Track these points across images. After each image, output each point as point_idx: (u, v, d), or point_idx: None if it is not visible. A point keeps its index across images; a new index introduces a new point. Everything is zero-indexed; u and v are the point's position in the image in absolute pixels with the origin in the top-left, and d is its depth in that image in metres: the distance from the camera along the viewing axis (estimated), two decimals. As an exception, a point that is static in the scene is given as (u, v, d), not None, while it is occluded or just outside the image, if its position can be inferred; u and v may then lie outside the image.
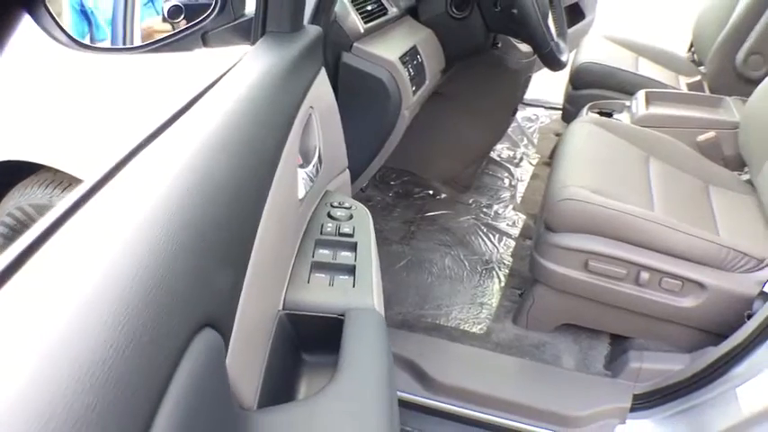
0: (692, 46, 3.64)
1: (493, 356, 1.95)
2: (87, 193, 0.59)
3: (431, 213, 2.63)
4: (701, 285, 1.76)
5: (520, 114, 3.47)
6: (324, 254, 1.04)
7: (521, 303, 2.07)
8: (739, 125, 2.34)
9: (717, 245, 1.75)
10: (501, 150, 3.18)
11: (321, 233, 1.09)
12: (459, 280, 2.27)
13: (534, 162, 3.13)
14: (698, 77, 3.14)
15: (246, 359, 0.73)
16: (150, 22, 1.39)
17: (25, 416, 0.36)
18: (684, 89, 3.07)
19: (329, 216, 1.14)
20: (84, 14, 1.40)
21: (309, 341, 0.95)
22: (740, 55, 2.84)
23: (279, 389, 0.86)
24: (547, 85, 3.63)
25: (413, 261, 2.34)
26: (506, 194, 2.84)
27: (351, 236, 1.09)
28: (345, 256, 1.04)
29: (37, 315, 0.44)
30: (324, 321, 0.92)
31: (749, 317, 1.68)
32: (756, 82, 2.32)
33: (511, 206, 2.75)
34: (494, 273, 2.32)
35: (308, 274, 0.99)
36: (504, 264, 2.37)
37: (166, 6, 1.30)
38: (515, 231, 2.57)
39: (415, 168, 2.72)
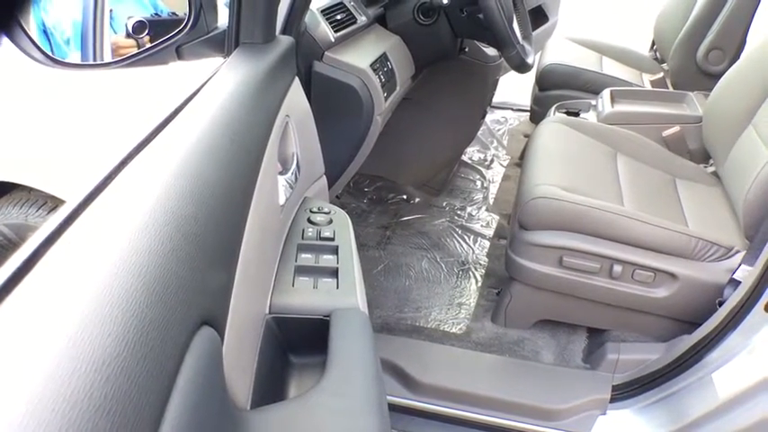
0: (653, 44, 3.73)
1: (473, 355, 1.98)
2: (85, 201, 0.61)
3: (406, 218, 2.66)
4: (672, 276, 1.80)
5: (489, 117, 3.52)
6: (306, 258, 1.06)
7: (498, 302, 2.10)
8: (702, 119, 2.40)
9: (686, 235, 1.80)
10: (472, 153, 3.22)
11: (303, 238, 1.11)
12: (437, 282, 2.30)
13: (505, 163, 3.18)
14: (661, 74, 3.22)
15: (239, 361, 0.75)
16: (114, 38, 1.40)
17: (52, 403, 0.38)
18: (648, 86, 3.15)
19: (309, 221, 1.17)
20: (46, 34, 1.41)
21: (297, 343, 0.97)
22: (701, 51, 2.91)
23: (269, 390, 0.88)
24: (514, 88, 3.70)
25: (390, 265, 2.37)
26: (479, 196, 2.88)
27: (332, 239, 1.12)
28: (327, 260, 1.07)
29: (53, 312, 0.46)
30: (310, 323, 0.95)
31: (720, 304, 1.73)
32: (717, 76, 2.38)
33: (484, 207, 2.79)
34: (470, 273, 2.35)
35: (292, 278, 1.01)
36: (481, 264, 2.41)
37: (130, 22, 1.31)
38: (489, 232, 2.61)
39: (389, 174, 2.75)
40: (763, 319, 1.59)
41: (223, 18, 1.29)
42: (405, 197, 2.78)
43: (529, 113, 3.47)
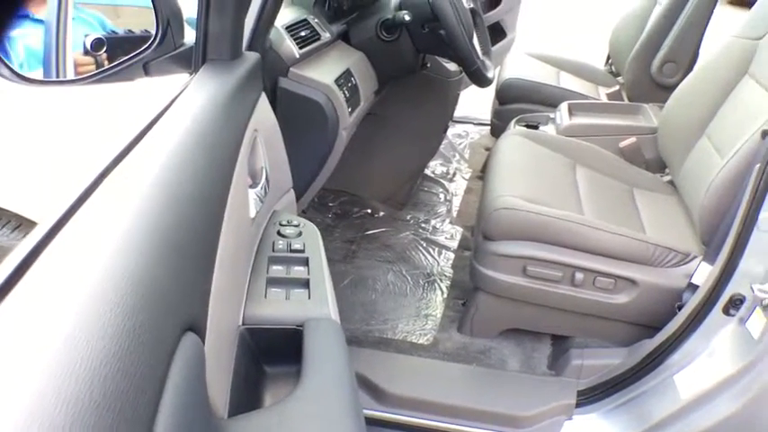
0: (609, 58, 3.82)
1: (441, 365, 2.01)
2: (70, 210, 0.63)
3: (371, 232, 2.68)
4: (632, 282, 1.85)
5: (450, 131, 3.57)
6: (278, 270, 1.08)
7: (464, 312, 2.13)
8: (657, 130, 2.47)
9: (644, 243, 1.85)
10: (435, 167, 3.26)
11: (273, 250, 1.13)
12: (403, 294, 2.33)
13: (467, 176, 3.22)
14: (616, 87, 3.30)
15: (216, 369, 0.77)
16: (72, 55, 1.40)
17: (55, 399, 0.40)
18: (604, 99, 3.23)
19: (279, 234, 1.19)
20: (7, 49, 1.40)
21: (271, 354, 0.99)
22: (655, 64, 3.00)
23: (245, 400, 0.89)
24: (475, 102, 3.76)
25: (356, 279, 2.38)
26: (442, 209, 2.91)
27: (302, 251, 1.14)
28: (299, 271, 1.09)
29: (51, 313, 0.48)
30: (283, 333, 0.97)
31: (679, 308, 1.78)
32: (671, 88, 2.45)
33: (448, 220, 2.82)
34: (436, 285, 2.38)
35: (264, 290, 1.03)
36: (446, 276, 2.44)
37: (88, 40, 1.32)
38: (454, 244, 2.65)
39: (353, 189, 2.77)
40: (721, 321, 1.65)
41: (190, 35, 1.30)
42: (369, 211, 2.80)
43: (489, 127, 3.53)
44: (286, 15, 1.73)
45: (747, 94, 1.98)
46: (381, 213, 2.80)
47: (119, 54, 1.27)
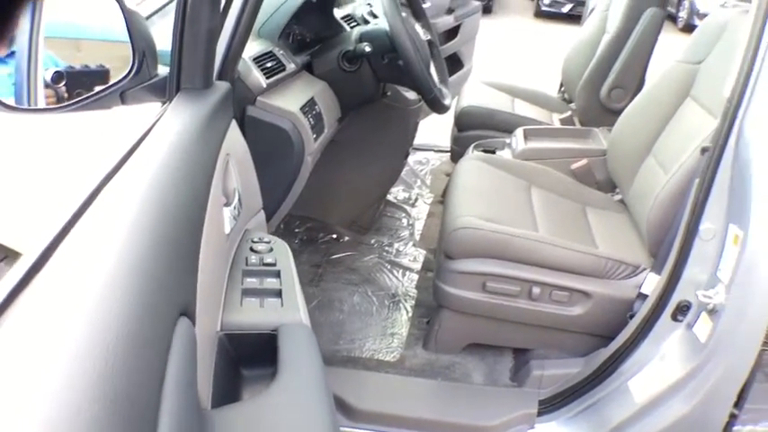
0: (561, 86, 3.97)
1: (408, 381, 2.07)
2: (73, 218, 0.70)
3: (336, 256, 2.75)
4: (586, 294, 1.95)
5: (411, 158, 3.67)
6: (252, 282, 1.16)
7: (429, 329, 2.21)
8: (607, 152, 2.60)
9: (596, 257, 1.96)
10: (397, 192, 3.36)
11: (247, 264, 1.21)
12: (369, 314, 2.40)
13: (429, 201, 3.32)
14: (569, 113, 3.45)
15: (200, 366, 0.84)
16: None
17: (85, 365, 0.48)
18: (557, 124, 3.37)
19: (252, 250, 1.26)
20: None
21: (247, 358, 1.06)
22: (604, 90, 3.14)
23: (224, 400, 0.96)
24: (434, 130, 3.88)
25: (323, 301, 2.45)
26: (405, 233, 3.00)
27: (274, 265, 1.21)
28: (271, 282, 1.16)
29: (75, 299, 0.56)
30: (259, 338, 1.04)
31: (631, 317, 1.88)
32: (620, 113, 2.58)
33: (411, 243, 2.91)
34: (401, 305, 2.46)
35: (239, 300, 1.10)
36: (410, 296, 2.52)
37: (48, 73, 1.38)
38: (417, 266, 2.73)
39: (318, 214, 2.84)
40: (670, 327, 1.75)
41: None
42: (334, 236, 2.87)
43: (449, 153, 3.64)
44: (253, 47, 1.82)
45: (689, 115, 2.11)
46: (346, 238, 2.88)
47: (77, 87, 1.34)
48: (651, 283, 1.87)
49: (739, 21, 1.94)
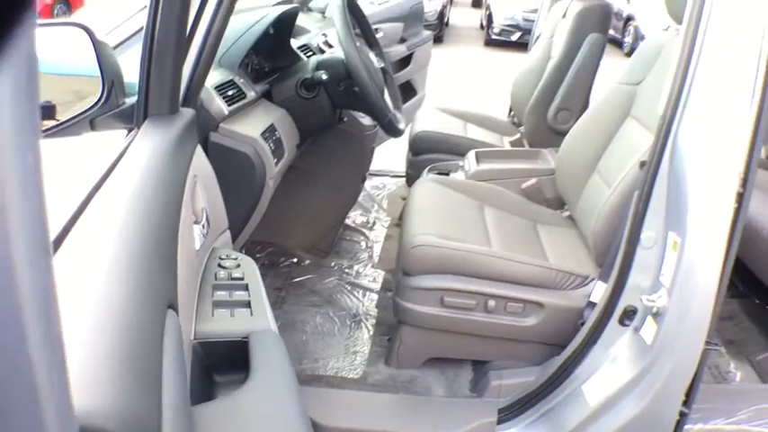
0: (511, 110, 4.11)
1: (371, 396, 2.13)
2: (70, 221, 0.77)
3: (298, 279, 2.81)
4: (539, 305, 2.05)
5: (368, 184, 3.76)
6: (221, 294, 1.23)
7: (390, 346, 2.28)
8: (555, 171, 2.72)
9: (547, 269, 2.05)
10: (355, 217, 3.43)
11: (216, 279, 1.27)
12: (332, 334, 2.46)
13: (386, 224, 3.40)
14: (518, 135, 3.58)
15: None
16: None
17: (100, 350, 0.55)
18: (508, 146, 3.50)
19: (220, 266, 1.33)
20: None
21: (220, 364, 1.12)
22: (550, 112, 3.28)
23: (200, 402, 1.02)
24: (390, 156, 4.00)
25: (286, 323, 2.50)
26: (364, 255, 3.07)
27: (242, 279, 1.28)
28: (240, 294, 1.23)
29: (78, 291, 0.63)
30: (231, 345, 1.10)
31: (582, 324, 1.97)
32: (566, 134, 2.68)
33: (370, 264, 2.98)
34: (362, 324, 2.53)
35: (211, 311, 1.17)
36: (371, 315, 2.59)
37: None
38: (377, 286, 2.80)
39: (279, 239, 2.90)
40: (618, 331, 1.85)
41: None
42: (295, 260, 2.93)
43: (405, 178, 3.74)
44: (214, 77, 1.89)
45: (630, 133, 2.23)
46: (307, 262, 2.94)
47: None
48: (599, 292, 1.96)
49: (673, 42, 2.06)
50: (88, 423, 0.51)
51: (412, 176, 3.42)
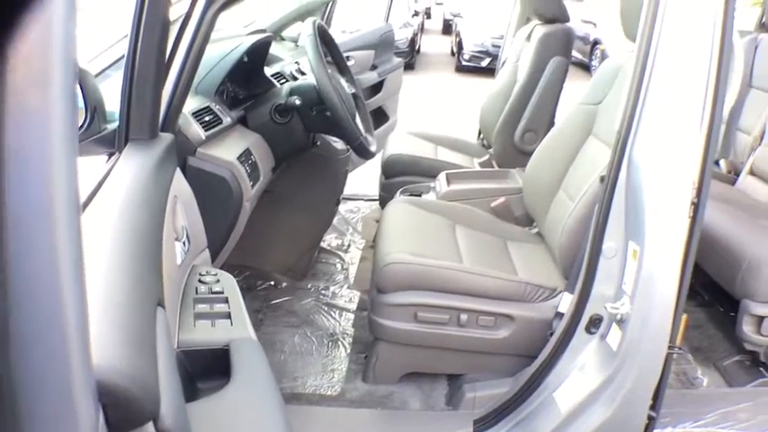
0: (480, 133, 4.22)
1: (349, 412, 2.19)
2: None
3: (275, 301, 2.86)
4: (510, 317, 2.12)
5: (343, 207, 3.84)
6: (203, 307, 1.29)
7: (367, 362, 2.33)
8: (522, 190, 2.81)
9: (517, 282, 2.13)
10: (330, 240, 3.50)
11: (197, 293, 1.33)
12: (310, 354, 2.51)
13: (361, 247, 3.47)
14: (487, 157, 3.68)
15: None
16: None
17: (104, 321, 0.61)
18: (477, 168, 3.59)
19: (200, 281, 1.39)
20: None
21: (202, 372, 1.18)
22: (517, 134, 3.39)
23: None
24: (364, 181, 4.09)
25: (265, 344, 2.50)
26: (340, 277, 3.14)
27: (222, 293, 1.34)
28: (221, 307, 1.30)
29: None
30: (212, 353, 1.16)
31: (551, 335, 2.05)
32: (533, 154, 2.79)
33: (345, 286, 3.04)
34: (339, 343, 2.58)
35: (192, 322, 1.23)
36: (348, 334, 2.64)
37: None
38: (353, 306, 2.86)
39: (256, 263, 2.95)
40: (585, 339, 1.92)
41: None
42: (272, 283, 2.99)
43: (378, 201, 3.81)
44: (191, 103, 1.96)
45: (592, 150, 2.33)
46: (284, 284, 2.99)
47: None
48: (566, 302, 2.04)
49: (630, 63, 2.18)
50: (100, 378, 0.58)
51: (385, 199, 3.49)
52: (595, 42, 12.91)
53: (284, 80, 2.77)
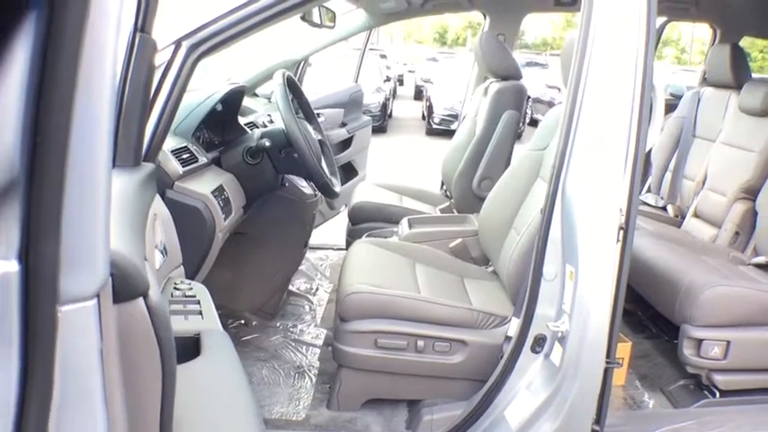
0: (443, 184, 4.44)
1: None
2: None
3: (246, 338, 2.99)
4: (463, 343, 2.28)
5: (312, 255, 4.02)
6: (177, 308, 1.45)
7: (331, 389, 2.47)
8: (478, 231, 3.00)
9: (470, 310, 2.30)
10: (299, 284, 3.66)
11: (172, 297, 1.49)
12: (277, 384, 2.64)
13: (329, 290, 3.63)
14: (447, 204, 3.89)
15: None
16: None
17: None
18: (438, 214, 3.79)
19: (175, 288, 1.55)
20: None
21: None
22: (475, 181, 3.60)
23: None
24: (332, 233, 4.29)
25: (234, 376, 2.67)
26: (308, 316, 3.28)
27: (194, 297, 1.51)
28: (193, 307, 1.46)
29: None
30: (184, 342, 1.32)
31: (501, 358, 2.21)
32: (489, 200, 3.00)
33: (313, 324, 3.19)
34: (305, 375, 2.72)
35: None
36: (314, 367, 2.78)
37: None
38: (320, 342, 3.00)
39: (227, 302, 3.07)
40: (531, 359, 2.08)
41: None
42: (243, 321, 3.12)
43: (345, 248, 3.98)
44: (170, 142, 2.15)
45: (539, 192, 2.51)
46: (254, 323, 3.13)
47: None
48: (514, 326, 2.21)
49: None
50: (112, 254, 0.77)
51: (351, 243, 3.66)
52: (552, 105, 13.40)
53: (257, 128, 2.97)
